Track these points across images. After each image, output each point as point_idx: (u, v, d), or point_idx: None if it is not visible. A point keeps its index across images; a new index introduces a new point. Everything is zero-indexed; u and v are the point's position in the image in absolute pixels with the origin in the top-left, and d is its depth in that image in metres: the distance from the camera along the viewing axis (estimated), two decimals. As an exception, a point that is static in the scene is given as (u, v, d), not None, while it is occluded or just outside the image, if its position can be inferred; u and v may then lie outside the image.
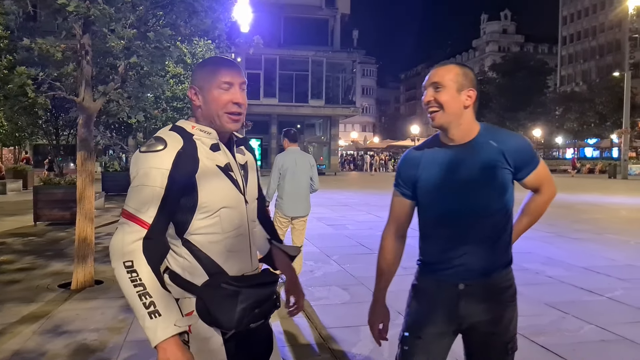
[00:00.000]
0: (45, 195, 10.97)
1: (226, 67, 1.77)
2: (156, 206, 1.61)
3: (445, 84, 1.92)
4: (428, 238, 2.04)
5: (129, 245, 1.59)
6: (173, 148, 1.65)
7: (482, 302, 1.97)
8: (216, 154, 1.74)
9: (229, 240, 1.73)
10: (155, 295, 1.56)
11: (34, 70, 5.79)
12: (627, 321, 4.89)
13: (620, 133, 38.19)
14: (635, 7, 37.82)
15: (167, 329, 1.54)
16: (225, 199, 1.72)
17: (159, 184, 1.62)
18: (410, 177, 2.03)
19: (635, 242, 9.34)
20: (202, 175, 1.67)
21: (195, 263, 1.70)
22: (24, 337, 4.38)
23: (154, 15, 6.15)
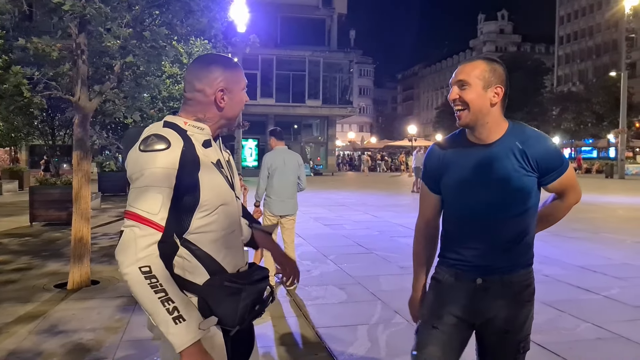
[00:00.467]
0: (42, 196, 10.94)
1: (240, 69, 1.84)
2: (167, 208, 1.58)
3: (471, 81, 1.88)
4: (449, 233, 2.06)
5: (143, 250, 1.54)
6: (177, 146, 1.62)
7: (499, 298, 1.96)
8: (208, 150, 1.73)
9: (227, 237, 1.73)
10: (177, 301, 1.54)
11: (30, 69, 5.77)
12: (623, 319, 4.90)
13: (617, 133, 38.26)
14: (632, 7, 37.91)
15: (192, 333, 1.53)
16: (223, 196, 1.72)
17: (168, 184, 1.58)
18: (435, 172, 2.04)
19: (632, 241, 9.36)
20: (204, 174, 1.66)
21: (195, 262, 1.67)
22: (19, 337, 4.36)
23: (150, 15, 6.14)
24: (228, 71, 1.76)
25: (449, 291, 2.01)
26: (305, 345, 4.26)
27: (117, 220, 12.14)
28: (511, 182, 1.90)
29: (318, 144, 46.43)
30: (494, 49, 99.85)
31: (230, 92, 1.76)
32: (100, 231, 10.24)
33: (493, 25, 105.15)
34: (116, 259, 1.57)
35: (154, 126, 1.72)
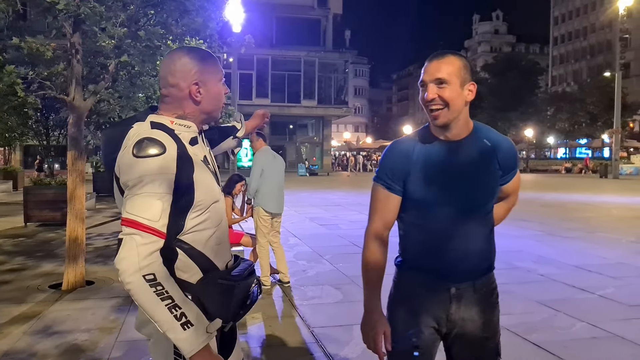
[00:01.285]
0: (36, 196, 10.89)
1: (216, 61, 1.78)
2: (167, 214, 1.56)
3: (449, 79, 1.80)
4: (418, 239, 1.91)
5: (146, 258, 1.51)
6: (172, 150, 1.58)
7: (474, 305, 1.91)
8: (195, 147, 1.71)
9: (218, 234, 1.73)
10: (184, 306, 1.53)
11: (24, 69, 5.73)
12: (617, 318, 4.91)
13: (611, 133, 38.44)
14: (626, 7, 38.10)
15: (201, 337, 1.54)
16: (214, 193, 1.72)
17: (168, 190, 1.56)
18: (400, 171, 1.87)
19: (627, 241, 9.40)
20: (197, 173, 1.65)
21: (189, 261, 1.65)
22: (14, 337, 4.34)
23: (145, 14, 6.11)
24: (201, 63, 1.71)
25: (422, 303, 1.89)
26: (301, 345, 4.25)
27: (112, 220, 12.10)
28: (484, 179, 1.88)
29: (313, 144, 46.43)
30: (488, 49, 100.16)
31: (205, 84, 1.71)
32: (95, 231, 10.21)
33: (488, 26, 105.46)
34: (116, 267, 1.52)
35: (140, 128, 1.65)
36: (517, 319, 4.84)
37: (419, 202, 1.87)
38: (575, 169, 48.31)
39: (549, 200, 18.20)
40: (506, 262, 7.45)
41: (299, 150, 46.53)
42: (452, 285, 1.87)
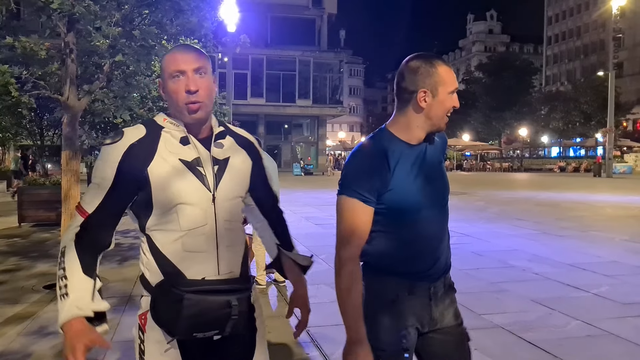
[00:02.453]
0: (30, 196, 10.84)
1: (176, 54, 1.66)
2: (100, 198, 1.60)
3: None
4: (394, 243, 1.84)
5: (67, 234, 1.62)
6: (128, 140, 1.61)
7: (445, 298, 1.95)
8: (185, 147, 1.66)
9: (188, 239, 1.62)
10: (71, 279, 1.56)
11: (18, 69, 5.71)
12: (612, 316, 4.93)
13: (604, 132, 38.63)
14: (619, 7, 38.28)
15: (69, 311, 1.53)
16: (183, 195, 1.61)
17: (106, 176, 1.59)
18: (377, 181, 1.78)
19: (620, 239, 9.44)
20: (156, 169, 1.60)
21: (152, 260, 1.64)
22: (8, 338, 4.32)
23: (140, 14, 6.10)
24: (164, 61, 1.68)
25: (405, 306, 1.86)
26: (297, 344, 4.25)
27: (107, 220, 12.06)
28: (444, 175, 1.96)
29: (308, 143, 46.44)
30: (483, 48, 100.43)
31: (164, 82, 1.67)
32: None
33: (482, 26, 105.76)
34: None
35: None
36: (512, 317, 4.86)
37: (399, 210, 1.81)
38: (569, 168, 48.48)
39: (544, 199, 18.27)
40: (501, 261, 7.47)
41: (294, 150, 46.53)
42: (430, 284, 1.89)
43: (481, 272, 6.72)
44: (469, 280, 6.16)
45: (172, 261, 1.61)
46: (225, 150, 1.74)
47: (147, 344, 1.65)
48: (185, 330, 1.59)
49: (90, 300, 1.57)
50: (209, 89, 1.68)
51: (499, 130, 63.75)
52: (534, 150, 69.32)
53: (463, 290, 2.16)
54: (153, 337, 1.64)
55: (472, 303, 5.14)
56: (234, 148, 1.77)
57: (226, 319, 1.62)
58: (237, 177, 1.74)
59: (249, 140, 1.84)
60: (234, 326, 1.65)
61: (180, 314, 1.56)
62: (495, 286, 6.06)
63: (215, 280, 1.64)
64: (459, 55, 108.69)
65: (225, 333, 1.65)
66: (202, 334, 1.61)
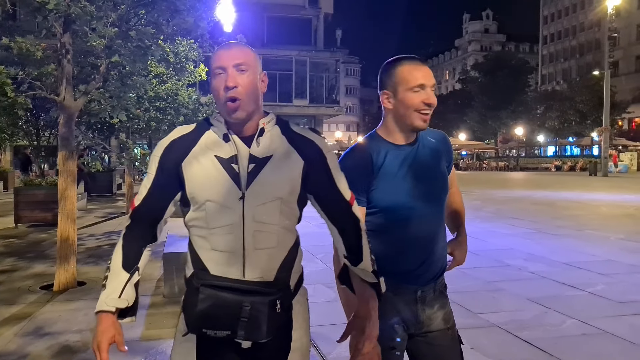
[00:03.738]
0: (26, 197, 10.82)
1: (220, 50, 1.67)
2: (146, 190, 1.67)
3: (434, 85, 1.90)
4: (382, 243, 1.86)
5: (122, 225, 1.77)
6: (173, 135, 1.68)
7: (435, 302, 1.95)
8: (225, 144, 1.63)
9: (214, 238, 1.60)
10: (112, 272, 1.64)
11: (14, 69, 5.71)
12: (607, 315, 4.96)
13: (600, 131, 38.76)
14: (614, 6, 38.39)
15: (100, 304, 1.62)
16: (212, 192, 1.59)
17: (151, 169, 1.67)
18: (364, 182, 1.84)
19: (615, 238, 9.48)
20: (189, 165, 1.62)
21: (188, 255, 1.70)
22: (5, 339, 4.32)
23: (136, 14, 6.10)
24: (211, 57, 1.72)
25: (391, 306, 1.87)
26: (294, 344, 4.26)
27: (104, 220, 12.05)
28: (440, 176, 1.95)
29: (305, 143, 46.38)
30: (478, 48, 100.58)
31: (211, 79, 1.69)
32: (87, 232, 10.16)
33: (478, 25, 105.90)
34: None
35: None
36: (507, 316, 4.88)
37: (386, 209, 1.86)
38: (565, 167, 48.59)
39: (539, 198, 18.32)
40: (497, 260, 7.50)
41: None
42: (418, 288, 1.91)
43: (477, 271, 6.75)
44: (465, 279, 6.18)
45: (200, 257, 1.64)
46: (268, 148, 1.64)
47: (176, 335, 1.71)
48: (196, 324, 1.58)
49: (118, 296, 1.62)
50: (250, 85, 1.62)
51: (495, 129, 63.87)
52: (530, 150, 69.43)
53: (459, 290, 2.18)
54: (181, 328, 1.68)
55: (468, 302, 5.16)
56: (282, 147, 1.65)
57: (236, 320, 1.54)
58: (279, 177, 1.62)
59: (308, 139, 1.70)
60: (249, 331, 1.55)
61: (196, 307, 1.56)
62: (491, 285, 6.08)
63: (239, 281, 1.58)
64: (455, 55, 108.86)
65: (238, 337, 1.56)
66: (213, 332, 1.56)
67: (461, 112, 63.40)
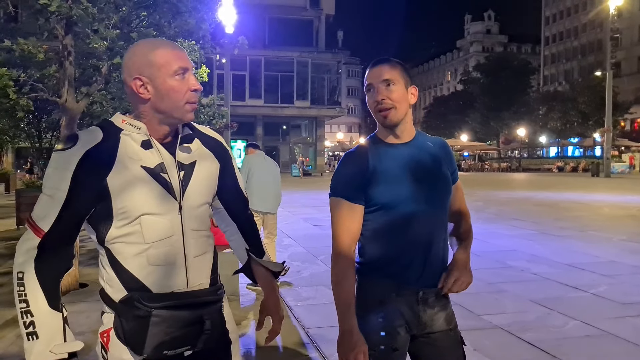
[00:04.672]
0: (28, 199, 10.82)
1: (177, 51, 1.55)
2: (56, 212, 1.45)
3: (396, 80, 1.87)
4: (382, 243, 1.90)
5: (22, 255, 1.47)
6: (83, 146, 1.45)
7: (437, 303, 1.94)
8: (147, 152, 1.52)
9: (153, 252, 1.51)
10: (38, 315, 1.44)
11: (16, 71, 5.72)
12: (610, 316, 4.94)
13: (602, 132, 38.67)
14: (616, 7, 38.35)
15: (41, 355, 1.43)
16: (147, 205, 1.49)
17: (60, 186, 1.44)
18: (359, 181, 1.86)
19: (618, 239, 9.46)
20: (117, 178, 1.46)
21: (113, 275, 1.52)
22: (7, 341, 4.32)
23: (138, 16, 6.11)
24: (145, 56, 1.52)
25: (393, 307, 1.87)
26: (296, 346, 4.25)
27: (105, 222, 12.05)
28: (440, 177, 1.94)
29: (307, 144, 46.44)
30: (480, 49, 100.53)
31: (152, 79, 1.50)
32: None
33: (480, 26, 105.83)
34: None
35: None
36: (510, 317, 4.86)
37: (384, 207, 1.87)
38: (567, 167, 48.53)
39: (542, 199, 18.29)
40: (499, 261, 7.48)
41: (292, 151, 46.55)
42: (420, 288, 1.90)
43: (479, 272, 6.72)
44: (467, 281, 6.17)
45: (136, 276, 1.50)
46: (192, 154, 1.61)
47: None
48: (154, 348, 1.48)
49: (63, 340, 1.47)
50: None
51: (497, 130, 63.84)
52: (532, 150, 69.36)
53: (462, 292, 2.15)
54: (118, 356, 1.52)
55: (470, 303, 5.15)
56: (200, 151, 1.64)
57: (198, 334, 1.54)
58: (205, 182, 1.63)
59: (217, 141, 1.72)
60: (206, 341, 1.56)
61: (148, 332, 1.46)
62: (493, 286, 6.07)
63: (184, 293, 1.54)
64: (456, 56, 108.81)
65: (197, 348, 1.56)
66: (173, 351, 1.51)
67: (463, 113, 63.35)
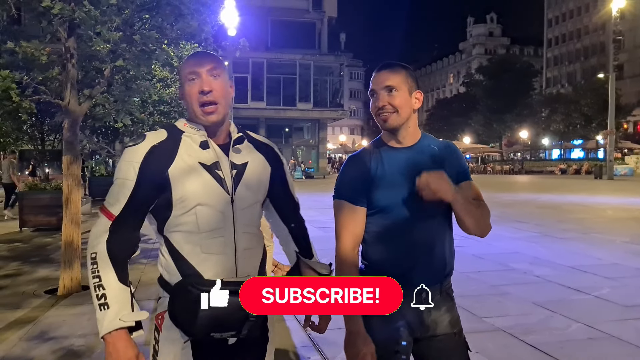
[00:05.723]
0: (31, 201, 10.85)
1: (191, 58, 1.72)
2: (125, 198, 1.61)
3: (398, 87, 1.89)
4: (383, 245, 1.91)
5: (96, 238, 1.61)
6: (149, 142, 1.64)
7: (442, 306, 1.94)
8: (204, 151, 1.69)
9: (206, 241, 1.65)
10: (109, 288, 1.57)
11: (19, 74, 5.73)
12: (613, 319, 4.93)
13: (605, 134, 38.61)
14: (619, 9, 38.30)
15: (112, 322, 1.55)
16: (202, 196, 1.64)
17: (129, 176, 1.61)
18: (361, 183, 1.89)
19: (621, 241, 9.43)
20: (176, 171, 1.63)
21: (171, 262, 1.66)
22: (9, 343, 4.32)
23: (140, 18, 6.12)
24: (180, 68, 1.74)
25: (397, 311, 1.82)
26: (298, 348, 4.25)
27: (108, 224, 12.05)
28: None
29: (309, 147, 46.42)
30: (483, 51, 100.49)
31: (182, 89, 1.72)
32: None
33: (482, 28, 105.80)
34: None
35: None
36: (513, 320, 4.85)
37: (384, 210, 1.89)
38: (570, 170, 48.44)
39: (545, 201, 18.26)
40: (502, 264, 7.47)
41: (295, 153, 46.56)
42: (422, 291, 1.88)
43: (482, 275, 6.72)
44: (470, 283, 6.16)
45: (190, 262, 1.63)
46: (243, 155, 1.76)
47: (161, 344, 1.66)
48: (202, 330, 1.59)
49: (131, 310, 1.59)
50: (224, 90, 1.71)
51: (500, 132, 63.77)
52: (534, 153, 69.28)
53: (464, 294, 2.16)
54: (169, 337, 1.65)
55: (473, 306, 5.14)
56: (252, 153, 1.79)
57: (244, 321, 1.63)
58: (255, 182, 1.77)
59: (269, 146, 1.88)
60: (250, 329, 1.66)
61: (198, 314, 1.57)
62: (496, 289, 6.05)
63: (234, 281, 1.63)
64: (459, 58, 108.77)
65: (242, 335, 1.66)
66: (220, 334, 1.63)
67: (466, 115, 63.27)
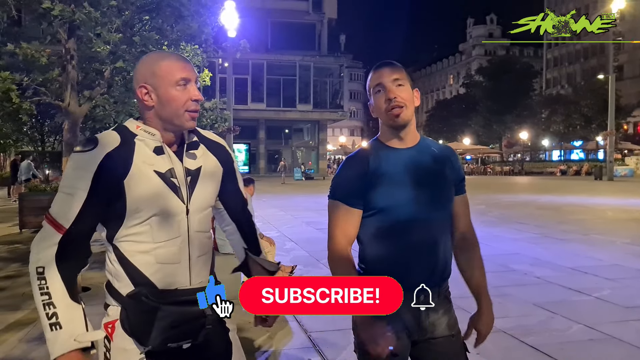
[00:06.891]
0: (31, 202, 10.82)
1: (181, 63, 1.66)
2: (76, 210, 1.53)
3: (404, 81, 1.87)
4: (381, 247, 1.90)
5: (43, 251, 1.53)
6: (103, 149, 1.55)
7: (439, 308, 1.93)
8: (159, 157, 1.63)
9: (161, 251, 1.61)
10: (60, 306, 1.51)
11: (19, 75, 5.75)
12: (614, 320, 4.92)
13: (605, 135, 38.60)
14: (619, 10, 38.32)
15: (65, 343, 1.50)
16: (157, 207, 1.60)
17: (81, 186, 1.53)
18: (358, 185, 1.87)
19: (621, 242, 9.42)
20: (132, 181, 1.56)
21: (121, 271, 1.62)
22: (9, 345, 4.32)
23: (140, 20, 6.14)
24: (150, 66, 1.64)
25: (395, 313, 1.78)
26: (299, 350, 4.24)
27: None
28: (442, 183, 1.92)
29: (309, 148, 46.46)
30: (483, 52, 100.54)
31: (155, 89, 1.62)
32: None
33: (482, 29, 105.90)
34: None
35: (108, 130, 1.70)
36: (513, 321, 4.84)
37: (384, 210, 1.86)
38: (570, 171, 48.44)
39: (545, 202, 18.25)
40: (502, 265, 7.46)
41: (295, 155, 46.58)
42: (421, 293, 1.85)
43: (482, 276, 6.71)
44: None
45: (143, 272, 1.60)
46: (197, 160, 1.72)
47: (113, 353, 1.63)
48: (158, 340, 1.58)
49: (85, 330, 1.55)
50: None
51: (500, 133, 63.79)
52: (534, 154, 69.27)
53: (464, 295, 2.15)
54: (121, 346, 1.61)
55: (473, 307, 5.11)
56: (205, 156, 1.75)
57: (200, 329, 1.65)
58: (209, 187, 1.74)
59: (220, 145, 1.83)
60: (207, 335, 1.67)
61: (154, 325, 1.56)
62: (496, 290, 6.04)
63: (188, 290, 1.64)
64: (459, 59, 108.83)
65: (197, 342, 1.67)
66: (176, 344, 1.62)
67: (466, 116, 63.32)
